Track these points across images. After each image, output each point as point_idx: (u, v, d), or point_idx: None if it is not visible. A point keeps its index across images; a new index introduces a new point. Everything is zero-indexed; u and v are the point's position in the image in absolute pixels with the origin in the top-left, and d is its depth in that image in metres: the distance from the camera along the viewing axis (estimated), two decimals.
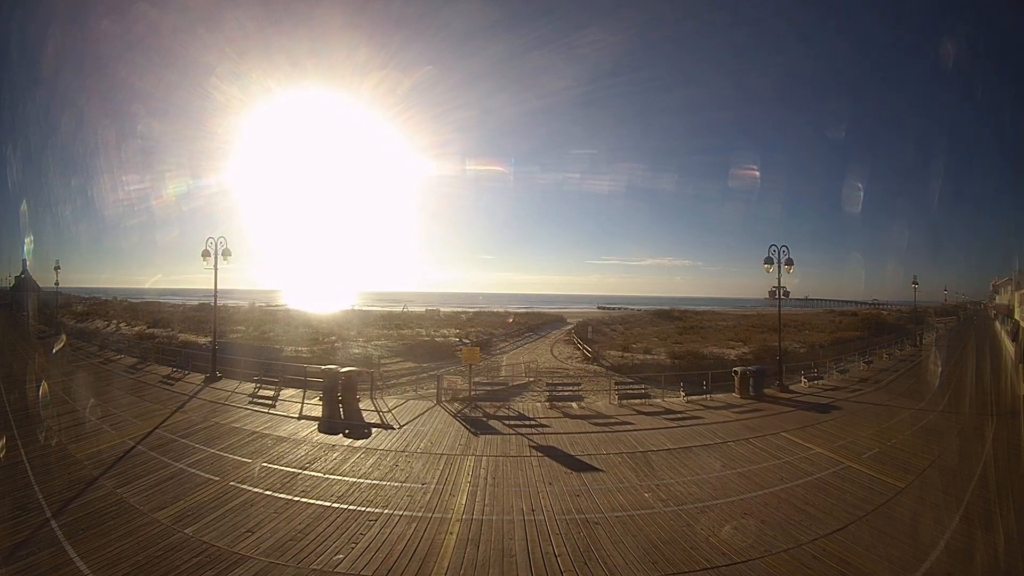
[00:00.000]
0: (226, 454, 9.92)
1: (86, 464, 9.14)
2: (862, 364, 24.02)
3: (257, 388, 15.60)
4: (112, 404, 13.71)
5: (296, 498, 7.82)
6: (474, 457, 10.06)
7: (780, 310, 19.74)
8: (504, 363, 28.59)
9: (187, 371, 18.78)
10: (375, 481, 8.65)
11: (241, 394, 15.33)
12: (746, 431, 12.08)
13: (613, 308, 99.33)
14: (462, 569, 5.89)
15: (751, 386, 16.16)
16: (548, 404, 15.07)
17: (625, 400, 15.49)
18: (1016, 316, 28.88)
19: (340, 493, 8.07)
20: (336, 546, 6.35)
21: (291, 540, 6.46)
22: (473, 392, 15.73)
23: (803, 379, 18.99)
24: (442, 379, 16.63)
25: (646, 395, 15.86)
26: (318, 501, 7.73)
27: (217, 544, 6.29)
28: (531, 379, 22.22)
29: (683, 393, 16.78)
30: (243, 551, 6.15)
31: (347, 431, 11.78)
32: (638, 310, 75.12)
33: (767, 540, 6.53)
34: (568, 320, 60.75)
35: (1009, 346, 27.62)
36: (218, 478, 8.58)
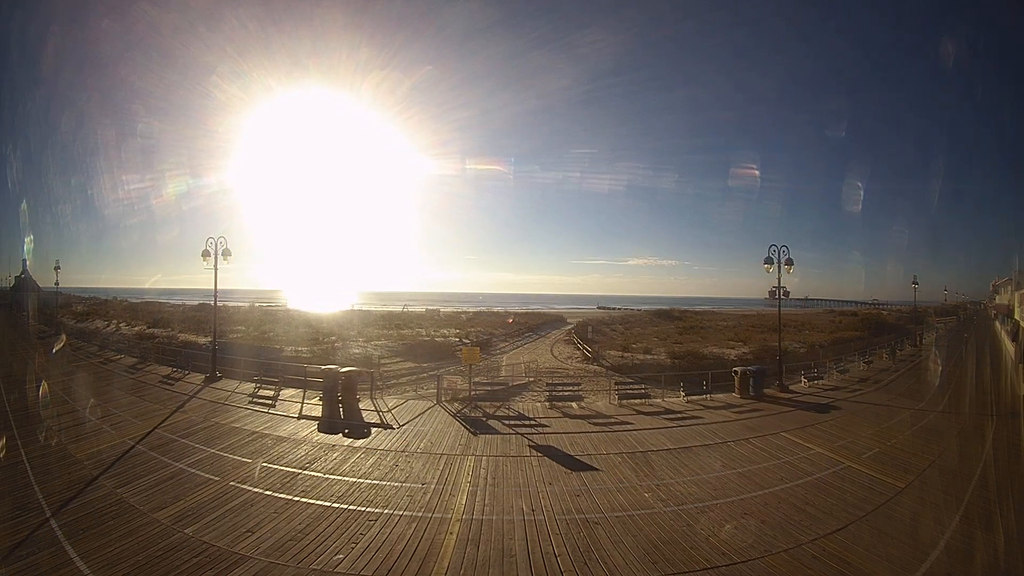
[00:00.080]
0: (226, 454, 9.92)
1: (86, 464, 9.14)
2: (862, 364, 24.01)
3: (257, 388, 15.61)
4: (112, 404, 13.71)
5: (296, 498, 7.83)
6: (474, 457, 10.06)
7: (780, 310, 19.77)
8: (504, 363, 28.57)
9: (187, 371, 18.79)
10: (375, 481, 8.65)
11: (241, 394, 15.33)
12: (746, 431, 12.08)
13: (613, 308, 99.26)
14: (462, 569, 5.90)
15: (751, 386, 16.17)
16: (548, 404, 15.08)
17: (625, 400, 15.49)
18: (1016, 316, 28.90)
19: (340, 493, 8.07)
20: (336, 546, 6.36)
21: (291, 540, 6.46)
22: (473, 392, 15.73)
23: (803, 379, 18.99)
24: (442, 379, 16.64)
25: (646, 395, 15.86)
26: (318, 501, 7.73)
27: (217, 544, 6.30)
28: (531, 379, 22.18)
29: (683, 393, 16.78)
30: (243, 551, 6.15)
31: (347, 431, 11.78)
32: (638, 310, 75.09)
33: (767, 540, 6.53)
34: (568, 320, 60.73)
35: (1009, 346, 27.62)
36: (218, 478, 8.59)
